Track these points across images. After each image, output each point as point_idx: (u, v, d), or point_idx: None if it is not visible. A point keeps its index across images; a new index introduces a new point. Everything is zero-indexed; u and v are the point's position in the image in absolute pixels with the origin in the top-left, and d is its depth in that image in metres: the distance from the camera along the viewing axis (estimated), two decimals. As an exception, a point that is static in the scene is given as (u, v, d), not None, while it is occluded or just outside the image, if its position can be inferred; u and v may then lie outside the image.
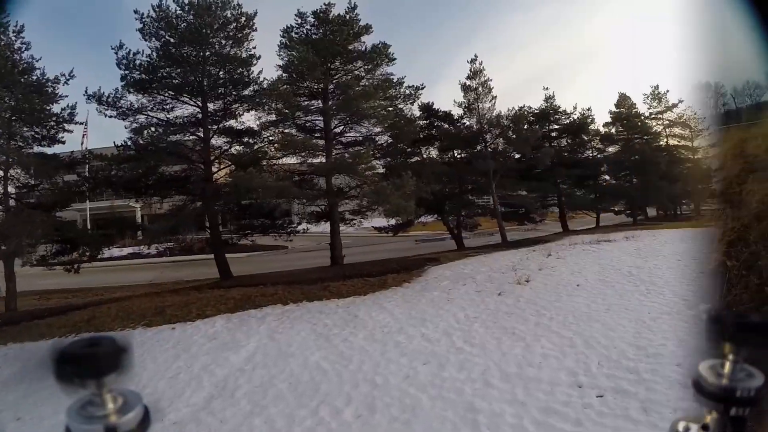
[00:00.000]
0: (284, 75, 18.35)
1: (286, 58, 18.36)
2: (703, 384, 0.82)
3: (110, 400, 0.71)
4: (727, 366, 0.81)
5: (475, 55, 23.56)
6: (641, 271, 13.00)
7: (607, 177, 33.34)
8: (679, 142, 37.50)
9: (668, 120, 36.93)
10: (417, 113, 23.24)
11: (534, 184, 27.55)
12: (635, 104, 34.66)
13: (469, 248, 24.29)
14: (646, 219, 34.97)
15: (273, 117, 18.35)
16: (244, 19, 17.09)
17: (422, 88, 20.81)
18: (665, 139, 36.57)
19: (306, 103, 19.15)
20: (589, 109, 31.31)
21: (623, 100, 34.08)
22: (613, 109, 34.11)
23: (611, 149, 33.69)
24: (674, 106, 36.56)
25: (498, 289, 11.77)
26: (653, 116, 36.50)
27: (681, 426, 0.86)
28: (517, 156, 24.55)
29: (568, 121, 31.06)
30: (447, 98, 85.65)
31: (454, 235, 25.45)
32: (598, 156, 32.96)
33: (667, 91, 36.75)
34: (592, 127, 32.21)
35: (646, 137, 33.33)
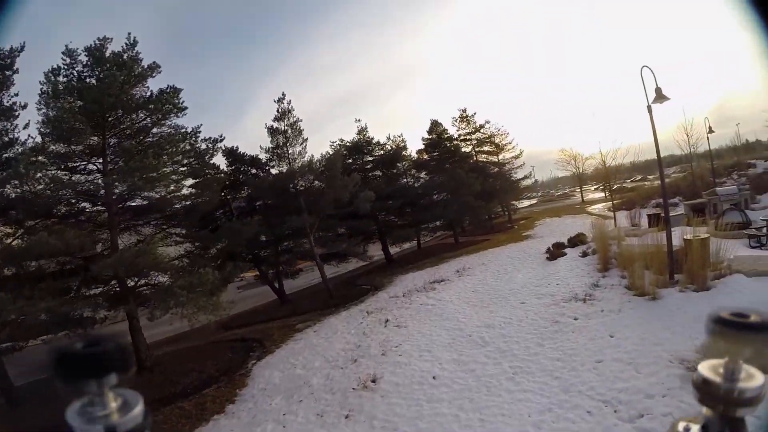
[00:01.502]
0: (49, 133, 14.39)
1: (49, 112, 14.22)
2: (703, 384, 0.81)
3: (111, 400, 0.70)
4: (727, 366, 0.79)
5: (283, 94, 21.54)
6: (492, 333, 11.51)
7: (424, 202, 32.92)
8: (487, 158, 39.32)
9: (476, 139, 38.53)
10: (222, 161, 21.62)
11: (354, 223, 26.23)
12: (446, 130, 35.69)
13: (293, 299, 23.04)
14: (463, 232, 35.29)
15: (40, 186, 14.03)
16: (3, 56, 13.25)
17: (221, 140, 18.49)
18: (475, 157, 38.07)
19: (83, 165, 15.62)
20: (401, 136, 31.70)
21: (434, 127, 35.00)
22: (426, 135, 34.90)
23: (425, 174, 33.86)
24: (482, 126, 38.36)
25: (343, 404, 9.43)
26: (462, 138, 38.06)
27: (681, 426, 0.86)
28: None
29: (382, 152, 30.98)
30: (255, 133, 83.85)
31: (275, 290, 23.39)
32: (414, 184, 32.95)
33: (475, 113, 38.27)
34: (405, 153, 32.73)
35: (458, 159, 33.88)
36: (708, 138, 28.87)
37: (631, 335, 9.20)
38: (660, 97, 11.62)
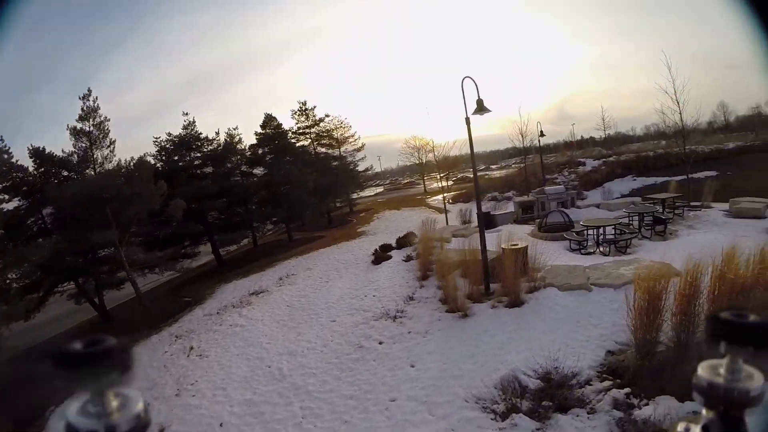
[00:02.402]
0: None
1: None
2: (703, 384, 0.80)
3: (110, 400, 0.68)
4: (727, 366, 0.79)
5: (89, 90, 19.44)
6: (293, 363, 10.85)
7: (256, 200, 31.32)
8: (328, 151, 38.79)
9: (315, 133, 37.73)
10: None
11: (178, 226, 24.23)
12: (281, 124, 34.28)
13: (115, 316, 21.29)
14: (303, 226, 34.17)
15: None
16: None
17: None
18: (314, 151, 37.32)
19: None
20: (236, 128, 30.03)
21: (269, 121, 33.42)
22: (259, 130, 33.37)
23: (261, 170, 32.32)
24: (321, 120, 37.62)
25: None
26: (301, 131, 37.17)
27: (681, 426, 0.85)
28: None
29: (211, 147, 29.01)
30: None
31: (96, 306, 21.22)
32: (244, 181, 31.26)
33: (315, 106, 37.57)
34: (240, 146, 31.12)
35: (293, 154, 32.71)
36: (540, 141, 30.40)
37: (433, 365, 8.69)
38: (481, 108, 11.33)
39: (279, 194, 29.90)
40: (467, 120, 11.33)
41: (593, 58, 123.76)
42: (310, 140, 38.20)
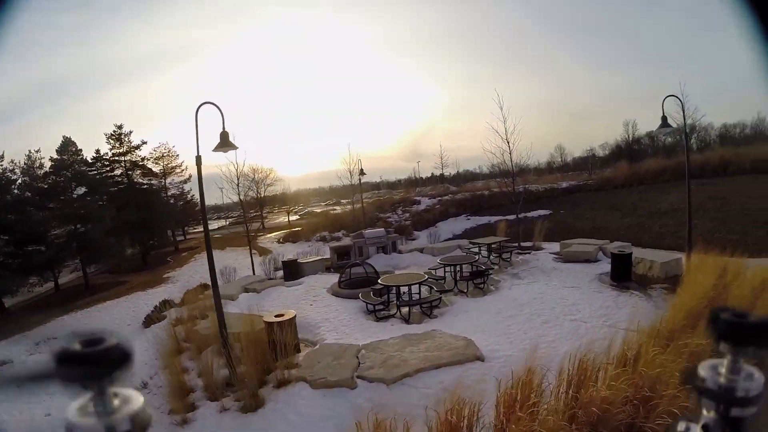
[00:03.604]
0: None
1: None
2: (703, 384, 0.80)
3: (111, 400, 0.68)
4: (727, 366, 0.79)
5: None
6: None
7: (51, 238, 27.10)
8: (150, 181, 36.42)
9: (130, 162, 34.96)
10: None
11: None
12: (81, 150, 30.60)
13: None
14: (111, 271, 30.78)
15: None
16: None
17: None
18: (127, 181, 34.79)
19: None
20: (37, 151, 27.52)
21: (67, 146, 29.65)
22: (55, 155, 29.27)
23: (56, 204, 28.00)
24: (137, 147, 35.30)
25: None
26: (113, 158, 34.43)
27: (681, 426, 0.85)
28: None
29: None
30: None
31: None
32: (41, 215, 27.05)
33: (131, 131, 34.98)
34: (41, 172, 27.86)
35: (93, 186, 29.43)
36: (360, 179, 29.06)
37: None
38: (226, 144, 8.88)
39: (72, 232, 26.02)
40: (198, 159, 8.84)
41: (448, 101, 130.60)
42: (122, 169, 34.70)
